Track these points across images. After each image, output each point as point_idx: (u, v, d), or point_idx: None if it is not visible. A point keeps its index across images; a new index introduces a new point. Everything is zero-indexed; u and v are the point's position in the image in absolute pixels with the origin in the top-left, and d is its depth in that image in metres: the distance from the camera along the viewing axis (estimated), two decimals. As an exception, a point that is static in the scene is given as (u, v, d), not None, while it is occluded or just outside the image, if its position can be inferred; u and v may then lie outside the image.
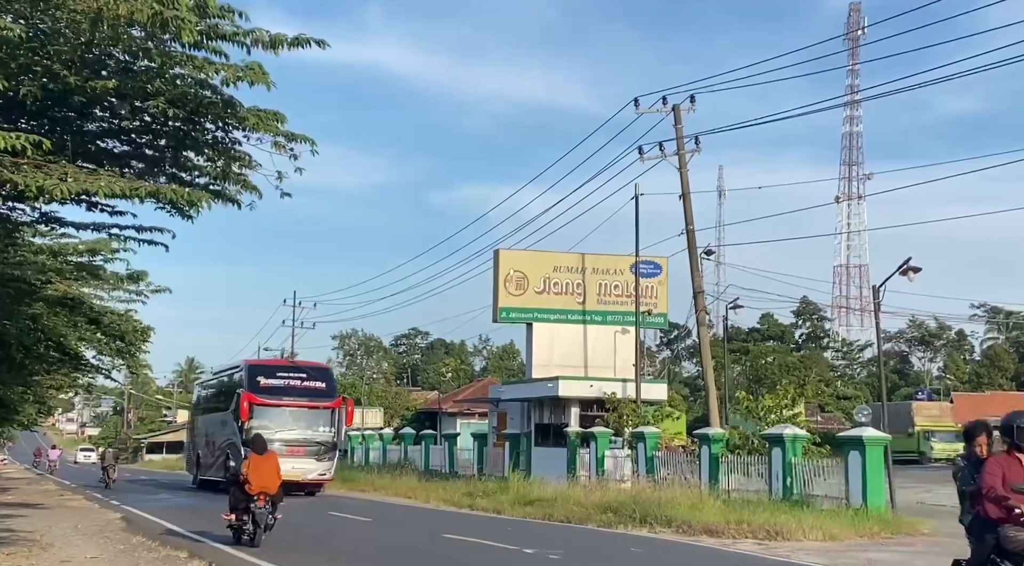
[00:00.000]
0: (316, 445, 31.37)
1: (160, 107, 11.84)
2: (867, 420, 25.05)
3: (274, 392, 31.17)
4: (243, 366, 33.56)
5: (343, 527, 20.30)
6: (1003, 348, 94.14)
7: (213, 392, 38.04)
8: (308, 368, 34.30)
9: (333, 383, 34.23)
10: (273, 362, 38.14)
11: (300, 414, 31.41)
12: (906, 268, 23.26)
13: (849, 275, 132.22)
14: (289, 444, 29.94)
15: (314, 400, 31.81)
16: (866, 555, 15.78)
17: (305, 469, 30.18)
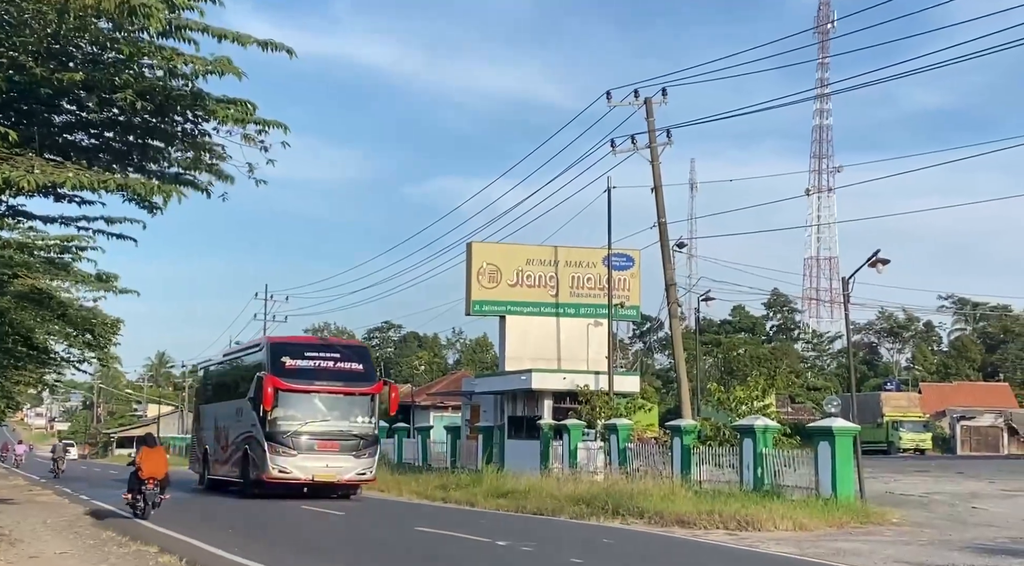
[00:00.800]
0: (353, 439, 25.91)
1: (128, 99, 11.77)
2: (837, 411, 25.17)
3: (302, 375, 25.82)
4: (264, 344, 28.09)
5: (315, 521, 20.25)
6: (970, 339, 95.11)
7: (225, 377, 32.20)
8: (342, 347, 29.20)
9: (372, 364, 28.32)
10: (300, 339, 31.70)
11: (334, 401, 26.15)
12: (875, 260, 23.38)
13: (819, 267, 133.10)
14: (321, 438, 25.39)
15: (350, 384, 26.36)
16: (835, 545, 15.89)
17: (341, 468, 25.39)
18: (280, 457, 24.80)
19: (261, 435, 25.24)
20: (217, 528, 17.92)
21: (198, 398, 36.74)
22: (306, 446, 25.02)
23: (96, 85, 12.22)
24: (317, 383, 25.85)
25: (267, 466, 24.84)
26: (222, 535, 16.48)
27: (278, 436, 24.91)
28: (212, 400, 32.80)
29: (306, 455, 24.94)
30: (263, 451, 24.98)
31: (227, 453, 28.79)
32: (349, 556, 14.35)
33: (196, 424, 35.52)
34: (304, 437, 25.04)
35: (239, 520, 20.12)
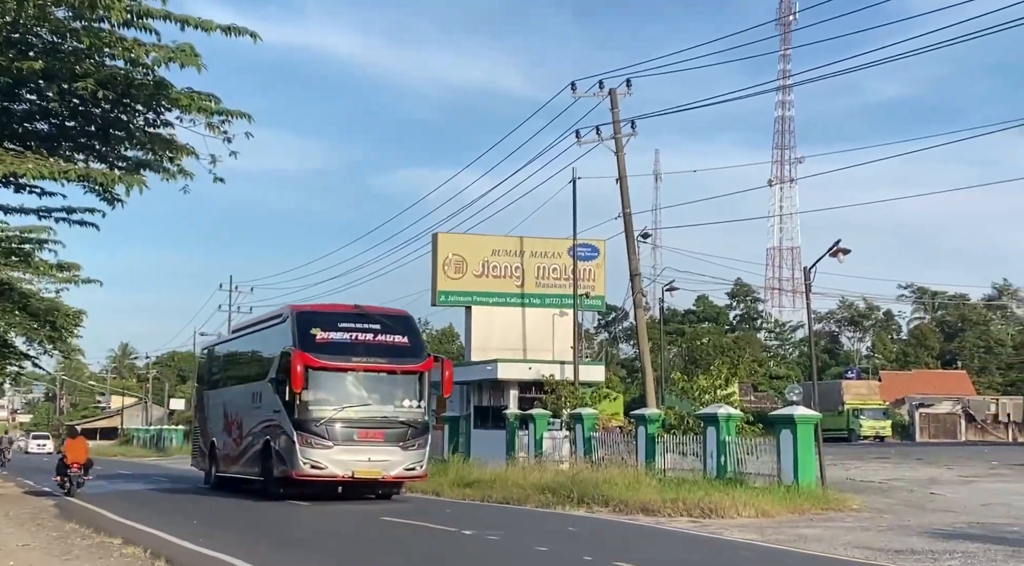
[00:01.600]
0: (400, 426, 21.31)
1: (89, 88, 11.63)
2: (798, 399, 25.40)
3: (337, 350, 21.26)
4: (288, 314, 22.66)
5: (280, 511, 20.16)
6: (929, 327, 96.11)
7: (237, 356, 27.12)
8: (383, 316, 23.00)
9: (419, 337, 23.50)
10: (330, 308, 25.11)
11: (375, 381, 21.62)
12: (836, 250, 23.55)
13: (781, 257, 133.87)
14: (362, 426, 20.94)
15: (395, 361, 21.70)
16: (797, 531, 16.01)
17: (386, 462, 20.94)
18: (312, 450, 20.51)
19: (288, 423, 20.86)
20: (182, 519, 17.81)
21: (201, 383, 30.74)
22: (344, 436, 20.72)
23: (56, 74, 12.08)
24: (355, 359, 21.27)
25: (296, 461, 20.53)
26: (187, 526, 16.39)
27: (310, 424, 20.61)
28: (220, 384, 27.87)
29: (344, 447, 20.66)
30: (291, 443, 20.64)
31: (241, 446, 24.29)
32: (314, 545, 14.31)
33: (199, 413, 30.28)
34: (341, 425, 20.75)
35: (204, 512, 20.03)
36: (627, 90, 30.82)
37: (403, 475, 21.55)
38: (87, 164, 13.04)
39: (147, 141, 13.24)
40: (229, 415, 25.64)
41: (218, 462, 26.30)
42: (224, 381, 27.46)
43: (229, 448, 25.35)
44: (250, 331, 26.44)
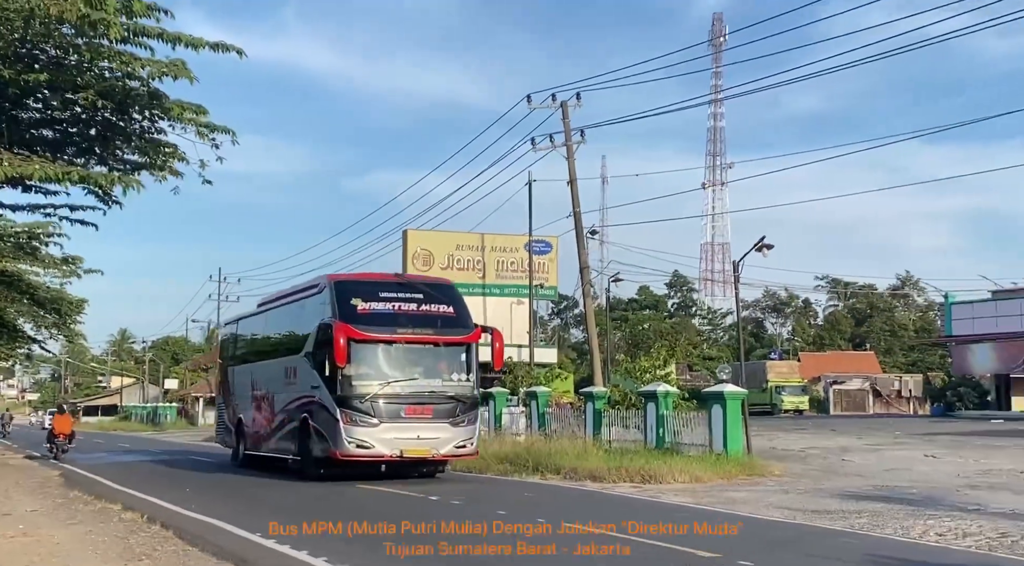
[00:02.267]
0: (450, 401, 18.38)
1: (90, 98, 11.50)
2: (728, 377, 25.60)
3: (381, 321, 18.29)
4: (325, 284, 19.45)
5: (258, 478, 20.02)
6: (842, 314, 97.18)
7: (267, 331, 23.47)
8: (425, 285, 20.09)
9: (464, 306, 19.99)
10: (369, 276, 21.77)
11: (422, 354, 18.64)
12: (761, 245, 23.72)
13: (713, 252, 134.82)
14: (410, 401, 18.04)
15: (442, 331, 18.76)
16: (726, 494, 16.15)
17: (436, 440, 18.08)
18: (358, 428, 17.63)
19: (330, 400, 17.98)
20: (176, 488, 17.65)
21: (225, 359, 26.86)
22: (391, 412, 17.81)
23: (60, 86, 11.93)
24: (400, 331, 18.29)
25: (340, 440, 17.66)
26: (180, 494, 16.25)
27: (354, 400, 17.70)
28: (247, 360, 24.40)
29: (392, 424, 17.78)
30: (334, 421, 17.76)
31: (273, 424, 21.22)
32: (292, 510, 14.23)
33: (223, 390, 26.50)
34: (388, 401, 17.81)
35: (194, 481, 19.87)
36: (577, 102, 30.91)
37: (454, 453, 18.56)
38: (88, 167, 12.88)
39: (143, 146, 13.11)
40: (258, 392, 22.53)
41: (246, 439, 23.14)
42: (251, 356, 24.03)
43: (259, 426, 22.16)
44: (280, 304, 22.69)
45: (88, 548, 10.42)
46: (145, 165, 13.52)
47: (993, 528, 11.83)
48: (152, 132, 13.02)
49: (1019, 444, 27.21)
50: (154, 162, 13.38)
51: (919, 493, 15.86)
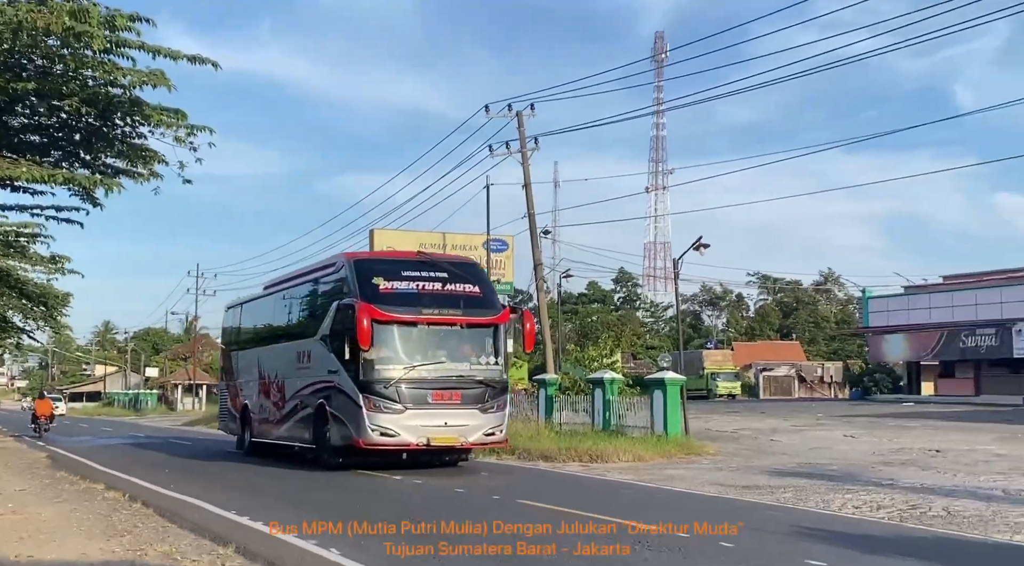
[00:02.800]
0: (478, 386, 16.03)
1: (74, 106, 11.30)
2: (668, 365, 25.77)
3: (405, 301, 15.87)
4: (343, 262, 17.07)
5: (225, 460, 19.84)
6: (771, 307, 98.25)
7: (276, 313, 20.65)
8: (447, 263, 17.49)
9: (490, 286, 17.86)
10: (389, 254, 20.25)
11: (448, 336, 16.21)
12: (698, 244, 23.93)
13: (656, 250, 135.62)
14: (437, 386, 15.68)
15: (469, 312, 16.30)
16: (666, 472, 16.28)
17: (464, 427, 15.81)
18: (382, 415, 15.31)
19: (351, 385, 15.64)
20: (156, 469, 17.41)
21: (228, 344, 24.09)
22: (417, 398, 15.48)
23: (46, 93, 11.71)
24: (426, 311, 15.88)
25: (363, 427, 15.34)
26: (160, 475, 16.04)
27: (377, 386, 15.37)
28: (253, 344, 21.78)
29: (417, 410, 15.46)
30: (356, 407, 15.44)
31: (283, 410, 18.90)
32: (271, 489, 14.11)
33: (226, 375, 23.84)
34: (413, 386, 15.44)
35: (172, 464, 19.62)
36: (531, 112, 30.86)
37: (483, 441, 16.17)
38: (72, 170, 12.66)
39: (125, 150, 12.91)
40: (266, 377, 20.04)
41: (252, 426, 20.76)
42: (258, 340, 21.44)
43: (267, 412, 19.78)
44: (290, 286, 20.14)
45: (73, 525, 10.27)
46: (127, 169, 13.31)
47: (904, 501, 12.06)
48: (133, 137, 12.82)
49: (927, 425, 27.74)
50: (135, 165, 13.19)
51: (838, 470, 16.08)
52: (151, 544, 8.86)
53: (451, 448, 16.26)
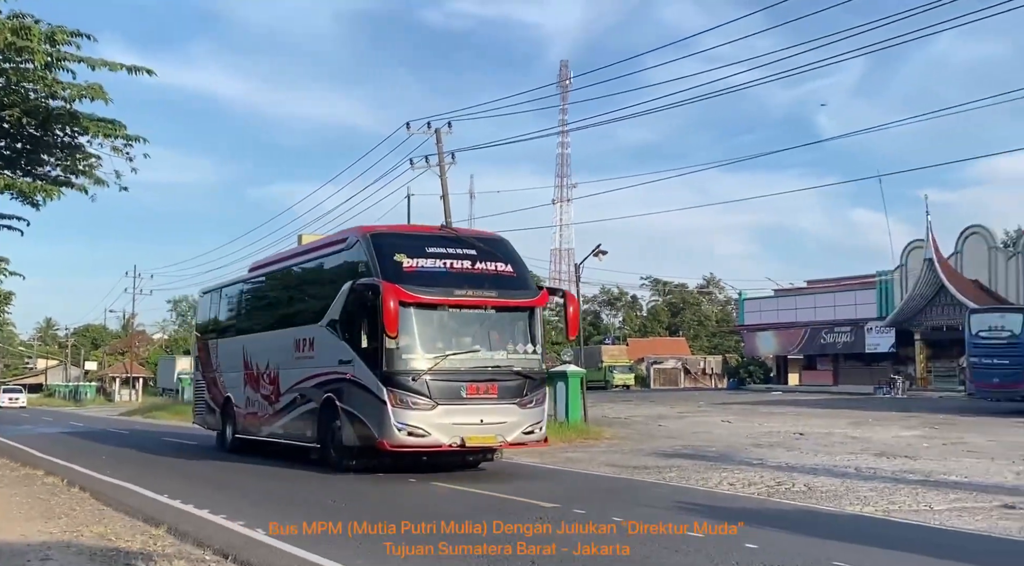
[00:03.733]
0: (516, 378, 12.92)
1: (15, 116, 10.82)
2: (570, 359, 25.96)
3: (432, 280, 12.79)
4: (358, 238, 13.60)
5: (177, 449, 19.25)
6: (661, 307, 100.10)
7: (266, 297, 17.47)
8: (475, 239, 14.17)
9: (524, 265, 14.15)
10: (409, 229, 16.46)
11: (482, 321, 13.09)
12: (598, 251, 24.26)
13: (560, 256, 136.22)
14: (471, 378, 12.59)
15: (504, 294, 13.18)
16: (567, 455, 16.40)
17: (502, 425, 12.68)
18: (410, 411, 12.18)
19: (371, 377, 12.44)
20: (93, 456, 16.75)
21: (205, 332, 20.06)
22: (449, 392, 12.37)
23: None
24: (458, 292, 12.74)
25: (388, 426, 12.19)
26: (98, 462, 15.45)
27: (404, 378, 12.26)
28: (236, 331, 17.98)
29: (450, 406, 12.33)
30: (379, 403, 12.27)
31: (277, 404, 15.43)
32: (206, 476, 13.74)
33: (203, 365, 19.72)
34: (446, 378, 12.36)
35: (107, 452, 18.92)
36: (449, 129, 30.78)
37: (521, 440, 12.98)
38: (14, 177, 12.12)
39: (64, 159, 12.42)
40: (255, 367, 16.52)
41: (236, 421, 17.31)
42: (244, 327, 17.80)
43: (257, 406, 16.34)
44: (285, 266, 16.93)
45: (13, 509, 9.81)
46: (65, 178, 12.80)
47: (772, 478, 12.41)
48: (72, 146, 12.35)
49: (792, 412, 28.65)
50: (75, 173, 12.70)
51: (716, 451, 16.40)
52: (87, 525, 8.55)
53: (487, 449, 13.27)
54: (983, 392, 27.47)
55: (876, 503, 10.10)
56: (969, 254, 41.68)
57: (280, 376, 15.43)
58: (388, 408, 12.17)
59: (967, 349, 28.03)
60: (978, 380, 27.46)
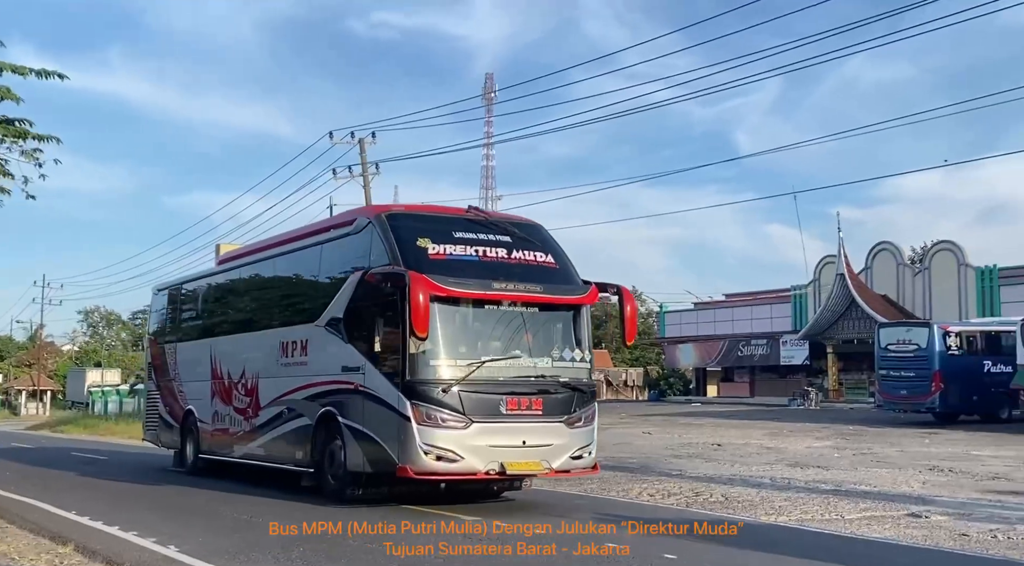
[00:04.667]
0: (563, 390, 10.57)
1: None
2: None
3: (465, 271, 10.40)
4: (370, 219, 11.18)
5: (83, 464, 18.50)
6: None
7: (242, 293, 14.87)
8: (508, 223, 11.55)
9: (566, 256, 11.64)
10: (432, 209, 12.24)
11: (523, 321, 10.66)
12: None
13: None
14: (512, 391, 10.25)
15: (550, 289, 10.87)
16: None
17: (548, 448, 10.35)
18: (439, 431, 9.92)
19: (388, 388, 10.20)
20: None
21: (161, 335, 17.62)
22: (487, 407, 10.13)
23: None
24: (496, 286, 10.47)
25: (413, 448, 9.90)
26: (1, 478, 14.73)
27: (431, 388, 9.98)
28: (202, 334, 15.66)
29: (487, 424, 10.10)
30: (399, 419, 10.02)
31: (255, 420, 13.13)
32: (106, 490, 13.25)
33: (158, 373, 17.30)
34: (481, 390, 10.13)
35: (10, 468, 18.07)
36: (373, 140, 30.64)
37: (570, 467, 10.59)
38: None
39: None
40: (228, 375, 14.17)
41: (201, 439, 14.96)
42: (213, 329, 15.36)
43: (229, 422, 14.01)
44: (266, 256, 14.13)
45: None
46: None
47: (691, 488, 12.62)
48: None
49: (710, 423, 29.24)
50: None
51: (637, 462, 16.55)
52: (-13, 547, 8.14)
53: (530, 476, 11.04)
54: (891, 404, 28.52)
55: (790, 512, 10.38)
56: (878, 270, 43.40)
57: (260, 386, 13.12)
58: (412, 426, 9.83)
59: (876, 362, 29.07)
60: (886, 392, 28.49)
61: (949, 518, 9.85)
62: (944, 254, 41.60)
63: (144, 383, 19.51)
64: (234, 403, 13.92)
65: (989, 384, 26.24)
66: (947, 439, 21.29)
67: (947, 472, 14.50)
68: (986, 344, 27.34)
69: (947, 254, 41.41)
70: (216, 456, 14.47)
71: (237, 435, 13.71)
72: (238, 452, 13.68)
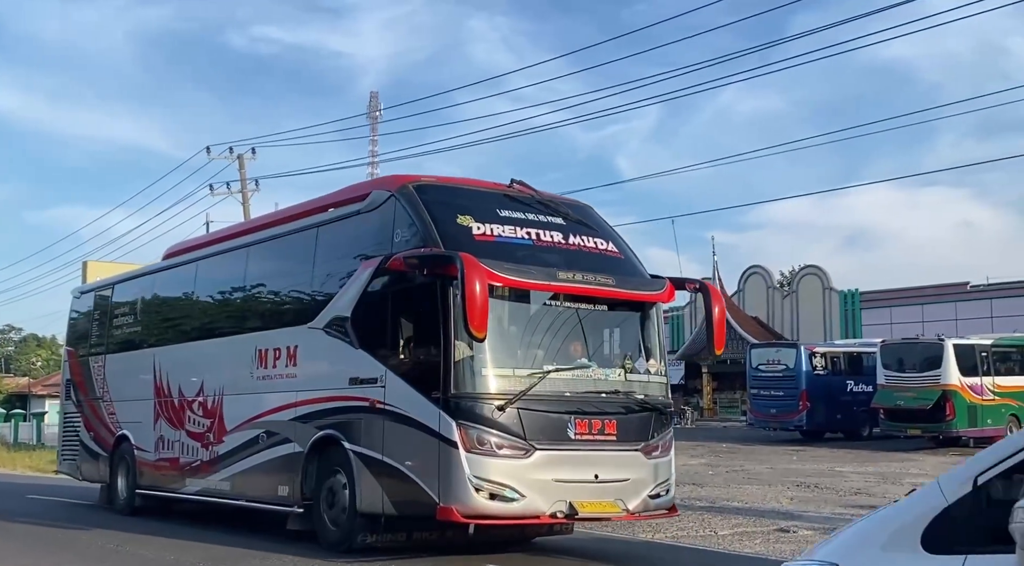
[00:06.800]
0: (639, 410, 8.12)
1: None
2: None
3: (519, 256, 7.91)
4: (392, 193, 8.50)
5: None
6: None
7: (205, 290, 11.81)
8: (560, 203, 9.03)
9: (626, 244, 9.08)
10: (469, 183, 8.99)
11: (588, 322, 8.20)
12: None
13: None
14: (580, 410, 7.76)
15: (622, 282, 8.33)
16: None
17: (624, 484, 7.87)
18: (492, 460, 7.43)
19: (425, 404, 7.66)
20: None
21: (82, 345, 14.51)
22: (550, 430, 7.66)
23: None
24: (562, 276, 7.95)
25: (460, 483, 7.37)
26: None
27: (483, 405, 7.49)
28: (140, 342, 12.89)
29: (551, 452, 7.64)
30: (441, 443, 7.47)
31: (217, 447, 10.50)
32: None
33: (78, 391, 14.38)
34: (544, 408, 7.64)
35: None
36: (253, 156, 30.00)
37: (649, 508, 8.27)
38: None
39: None
40: (179, 392, 11.50)
41: (140, 471, 12.11)
42: (156, 336, 12.64)
43: (179, 449, 11.34)
44: (236, 246, 11.48)
45: None
46: None
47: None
48: None
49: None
50: None
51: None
52: None
53: (601, 519, 8.58)
54: (761, 422, 29.72)
55: (666, 530, 10.60)
56: (750, 292, 45.34)
57: (226, 405, 10.50)
58: (460, 454, 7.40)
59: (748, 381, 30.26)
60: (757, 410, 29.69)
61: (815, 532, 10.29)
62: (810, 278, 43.91)
63: (62, 404, 15.82)
64: (187, 426, 11.22)
65: (852, 403, 27.67)
66: (813, 456, 22.31)
67: (813, 488, 15.18)
68: (849, 365, 28.89)
69: (813, 278, 43.73)
70: (161, 492, 11.71)
71: (191, 466, 11.00)
72: (192, 487, 10.99)
